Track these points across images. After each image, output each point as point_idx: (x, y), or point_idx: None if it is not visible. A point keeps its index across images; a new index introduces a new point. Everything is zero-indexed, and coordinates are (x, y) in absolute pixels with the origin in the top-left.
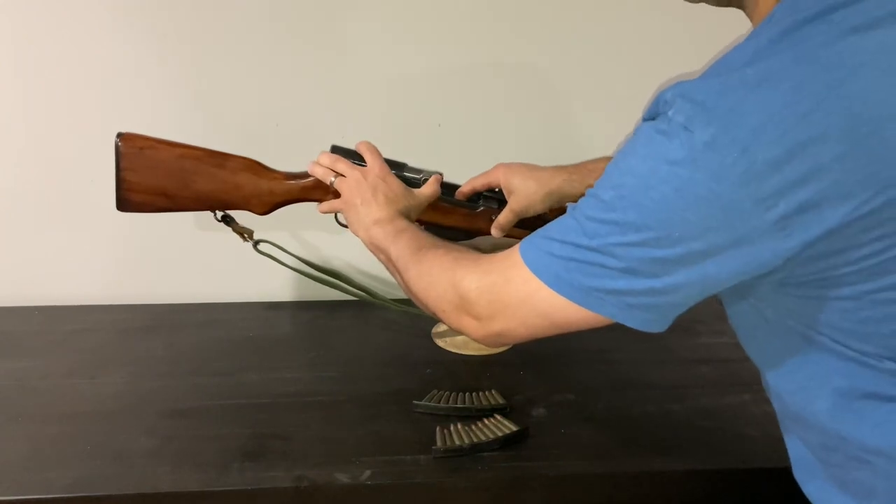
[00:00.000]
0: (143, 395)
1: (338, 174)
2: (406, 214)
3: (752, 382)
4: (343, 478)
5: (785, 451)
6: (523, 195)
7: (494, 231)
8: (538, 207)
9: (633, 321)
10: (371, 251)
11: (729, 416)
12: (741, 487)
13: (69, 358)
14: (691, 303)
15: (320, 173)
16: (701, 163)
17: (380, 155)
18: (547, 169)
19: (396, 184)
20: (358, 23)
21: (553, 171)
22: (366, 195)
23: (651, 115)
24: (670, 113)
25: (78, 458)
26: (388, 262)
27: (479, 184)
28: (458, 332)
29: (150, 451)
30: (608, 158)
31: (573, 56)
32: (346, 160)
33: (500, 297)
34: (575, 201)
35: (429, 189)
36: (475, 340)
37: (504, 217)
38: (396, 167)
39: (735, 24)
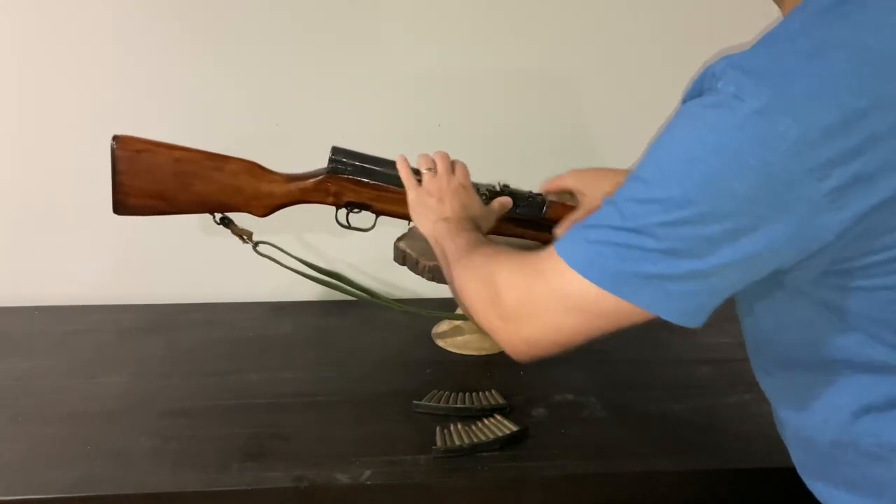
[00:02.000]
0: (143, 395)
1: (431, 169)
2: (476, 225)
3: (752, 382)
4: (343, 478)
5: (785, 451)
6: (599, 194)
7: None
8: None
9: (671, 311)
10: (432, 245)
11: (729, 416)
12: (741, 487)
13: (69, 358)
14: (731, 290)
15: (424, 162)
16: (750, 131)
17: (465, 167)
18: (613, 169)
19: (475, 195)
20: (358, 23)
21: (619, 171)
22: (444, 194)
23: (696, 93)
24: (720, 85)
25: (78, 458)
26: (443, 257)
27: (552, 188)
28: (459, 334)
29: (150, 451)
30: None
31: (573, 57)
32: (444, 156)
33: (529, 294)
34: None
35: (498, 204)
36: (507, 351)
37: (577, 216)
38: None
39: (740, 24)
